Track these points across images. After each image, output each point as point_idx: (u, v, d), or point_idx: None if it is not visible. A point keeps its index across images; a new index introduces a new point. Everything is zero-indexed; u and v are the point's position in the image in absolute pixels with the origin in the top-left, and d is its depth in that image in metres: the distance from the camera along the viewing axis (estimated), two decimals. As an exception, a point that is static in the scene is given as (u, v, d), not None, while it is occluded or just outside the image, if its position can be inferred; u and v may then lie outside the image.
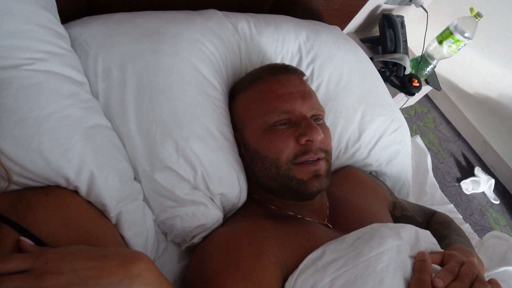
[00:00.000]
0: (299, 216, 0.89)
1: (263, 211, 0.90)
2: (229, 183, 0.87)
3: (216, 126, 0.88)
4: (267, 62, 1.05)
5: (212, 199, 0.86)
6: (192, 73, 0.89)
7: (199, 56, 0.92)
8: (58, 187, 0.69)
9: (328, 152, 0.88)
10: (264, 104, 0.88)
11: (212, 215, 0.86)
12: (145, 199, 0.86)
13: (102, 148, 0.77)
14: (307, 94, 0.90)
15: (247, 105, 0.92)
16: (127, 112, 0.83)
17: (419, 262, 0.71)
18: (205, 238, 0.86)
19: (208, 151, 0.84)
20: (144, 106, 0.83)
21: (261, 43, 1.07)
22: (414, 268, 0.71)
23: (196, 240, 0.87)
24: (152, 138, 0.81)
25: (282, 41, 1.11)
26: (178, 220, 0.84)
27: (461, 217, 1.38)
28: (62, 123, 0.71)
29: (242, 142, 0.92)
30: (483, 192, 2.39)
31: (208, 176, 0.83)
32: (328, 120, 1.10)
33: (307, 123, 0.84)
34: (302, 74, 0.97)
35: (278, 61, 1.09)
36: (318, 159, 0.85)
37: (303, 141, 0.83)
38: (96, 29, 0.87)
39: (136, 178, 0.85)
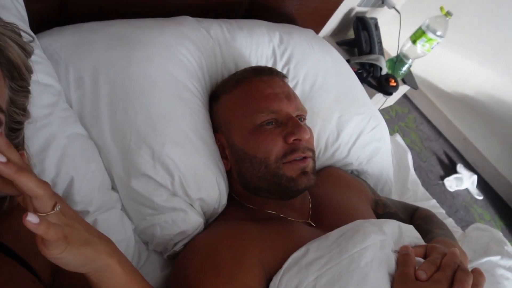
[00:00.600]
0: (281, 215, 0.88)
1: (244, 214, 0.89)
2: (207, 187, 0.86)
3: (192, 130, 0.87)
4: (243, 66, 1.05)
5: (192, 205, 0.85)
6: (166, 77, 0.89)
7: (172, 61, 0.91)
8: None
9: (313, 151, 0.90)
10: (251, 104, 0.88)
11: (192, 222, 0.84)
12: (124, 209, 0.85)
13: (79, 157, 0.76)
14: (292, 95, 0.92)
15: (233, 106, 0.92)
16: (101, 120, 0.82)
17: (403, 256, 0.71)
18: (186, 245, 0.85)
19: (185, 155, 0.83)
20: (117, 113, 0.82)
21: (235, 47, 1.07)
22: (398, 262, 0.71)
23: (177, 248, 0.86)
24: (127, 146, 0.80)
25: (256, 45, 1.11)
26: (158, 228, 0.83)
27: (444, 212, 1.39)
28: (40, 132, 0.70)
29: (227, 143, 0.92)
30: (467, 189, 2.42)
31: (185, 181, 0.82)
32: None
33: (294, 122, 0.86)
34: (284, 76, 0.99)
35: (253, 64, 1.09)
36: (306, 157, 0.86)
37: (291, 140, 0.84)
38: (66, 39, 0.86)
39: (114, 188, 0.84)
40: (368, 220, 0.80)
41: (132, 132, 0.81)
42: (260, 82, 0.91)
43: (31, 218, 0.40)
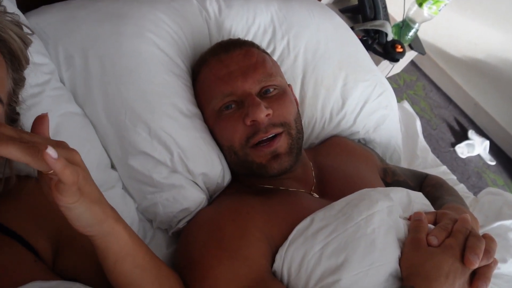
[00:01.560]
0: (281, 188, 0.86)
1: (247, 188, 0.87)
2: (209, 161, 0.84)
3: (187, 106, 0.85)
4: (240, 36, 1.02)
5: (194, 182, 0.84)
6: (157, 53, 0.86)
7: (163, 37, 0.89)
8: (27, 177, 0.66)
9: (287, 124, 0.83)
10: (209, 90, 0.85)
11: (194, 198, 0.83)
12: (125, 188, 0.84)
13: (74, 136, 0.75)
14: (251, 68, 0.84)
15: (200, 92, 0.90)
16: (94, 99, 0.80)
17: (415, 222, 0.70)
18: (190, 221, 0.84)
19: (182, 131, 0.82)
20: (110, 91, 0.80)
21: (231, 17, 1.03)
22: (410, 228, 0.70)
23: (181, 224, 0.85)
24: (123, 124, 0.79)
25: (253, 13, 1.07)
26: (160, 206, 0.82)
27: (455, 178, 1.36)
28: (29, 111, 0.68)
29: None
30: (479, 155, 2.38)
31: (185, 156, 0.81)
32: (309, 90, 1.07)
33: (249, 102, 0.79)
34: (250, 45, 0.91)
35: (251, 34, 1.06)
36: (275, 136, 0.81)
37: (248, 122, 0.79)
38: (54, 17, 0.84)
39: (114, 166, 0.83)
40: (375, 189, 0.78)
41: (127, 110, 0.80)
42: (217, 63, 0.85)
43: (51, 152, 0.39)
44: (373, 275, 0.64)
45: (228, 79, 0.82)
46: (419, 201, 0.79)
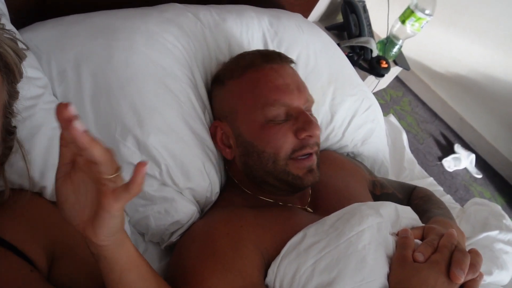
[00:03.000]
0: (280, 203, 0.87)
1: (243, 200, 0.88)
2: (196, 176, 0.85)
3: (179, 119, 0.86)
4: (236, 47, 1.03)
5: (183, 194, 0.84)
6: (150, 66, 0.87)
7: (157, 48, 0.89)
8: (21, 190, 0.66)
9: (319, 145, 0.88)
10: (261, 95, 0.84)
11: (185, 211, 0.84)
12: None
13: None
14: (302, 85, 0.88)
15: (241, 94, 0.87)
16: (86, 113, 0.81)
17: (402, 239, 0.71)
18: (184, 234, 0.84)
19: (171, 145, 0.82)
20: (101, 105, 0.81)
21: (226, 29, 1.04)
22: (397, 245, 0.71)
23: (174, 238, 0.85)
24: (113, 137, 0.80)
25: (246, 27, 1.08)
26: (152, 219, 0.82)
27: (442, 189, 1.38)
28: (23, 124, 0.69)
29: (232, 133, 0.88)
30: (465, 168, 2.41)
31: (172, 170, 0.82)
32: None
33: (305, 118, 0.83)
34: (293, 62, 0.94)
35: (245, 45, 1.07)
36: (311, 154, 0.84)
37: (302, 136, 0.82)
38: (47, 33, 0.84)
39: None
40: (365, 203, 0.79)
41: (117, 123, 0.80)
42: (270, 70, 0.86)
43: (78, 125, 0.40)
44: (364, 291, 0.65)
45: (286, 89, 0.84)
46: (407, 216, 0.80)
